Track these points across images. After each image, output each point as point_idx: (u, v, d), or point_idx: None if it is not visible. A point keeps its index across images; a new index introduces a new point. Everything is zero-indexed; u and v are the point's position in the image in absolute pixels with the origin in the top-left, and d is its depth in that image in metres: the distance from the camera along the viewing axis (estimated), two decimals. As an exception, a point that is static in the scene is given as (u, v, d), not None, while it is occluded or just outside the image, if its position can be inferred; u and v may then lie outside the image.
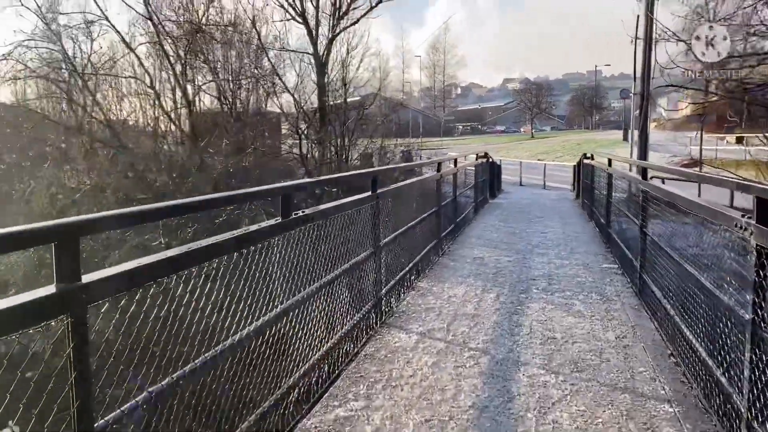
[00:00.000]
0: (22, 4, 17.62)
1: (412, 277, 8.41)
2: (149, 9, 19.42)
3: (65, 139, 18.03)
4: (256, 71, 24.95)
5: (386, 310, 6.97)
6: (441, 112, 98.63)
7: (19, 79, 18.05)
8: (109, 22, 19.06)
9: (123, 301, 2.70)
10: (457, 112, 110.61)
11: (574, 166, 23.22)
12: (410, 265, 8.28)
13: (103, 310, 2.58)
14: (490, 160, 20.25)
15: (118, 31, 19.39)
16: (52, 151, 17.88)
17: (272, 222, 4.26)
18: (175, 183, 16.61)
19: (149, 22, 19.66)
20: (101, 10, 18.74)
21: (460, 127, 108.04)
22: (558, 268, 9.27)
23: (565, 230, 13.15)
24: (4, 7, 17.15)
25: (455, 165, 12.60)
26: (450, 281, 8.46)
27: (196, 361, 3.23)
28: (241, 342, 3.69)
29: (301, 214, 4.61)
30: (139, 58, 19.95)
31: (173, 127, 20.87)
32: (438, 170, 10.53)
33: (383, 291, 6.89)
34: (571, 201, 20.34)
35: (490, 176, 19.57)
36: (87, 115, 19.38)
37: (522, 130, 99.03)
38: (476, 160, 16.67)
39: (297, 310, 4.60)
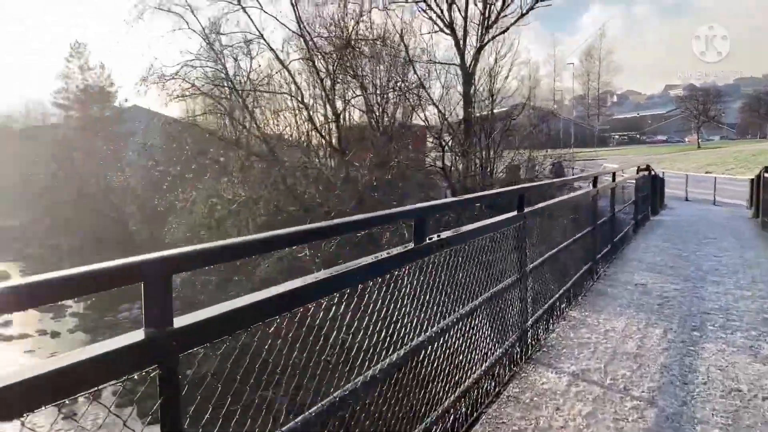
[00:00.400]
0: (189, 27, 19.12)
1: (563, 306, 7.59)
2: (301, 26, 20.23)
3: (224, 153, 19.22)
4: (403, 84, 25.06)
5: (532, 343, 6.28)
6: (595, 120, 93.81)
7: (186, 97, 19.58)
8: (264, 40, 20.15)
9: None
10: (612, 121, 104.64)
11: (752, 179, 20.54)
12: (560, 291, 7.47)
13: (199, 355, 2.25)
14: (653, 173, 18.46)
15: (272, 49, 20.44)
16: (212, 164, 19.10)
17: (403, 248, 3.81)
18: (322, 195, 16.98)
19: (301, 39, 20.50)
20: (258, 29, 19.88)
21: (616, 136, 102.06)
22: (737, 301, 7.95)
23: (744, 254, 11.45)
24: (174, 30, 18.70)
25: (613, 179, 11.46)
26: (607, 311, 7.53)
27: (311, 411, 2.83)
28: (367, 384, 3.27)
29: (436, 238, 4.13)
30: (291, 75, 20.85)
31: (322, 141, 21.49)
32: (594, 185, 9.54)
33: (529, 322, 6.21)
34: (748, 219, 17.98)
35: (651, 190, 17.84)
36: (245, 130, 20.54)
37: (686, 140, 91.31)
38: (637, 173, 15.21)
39: (431, 346, 4.11)
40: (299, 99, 20.75)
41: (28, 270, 40.86)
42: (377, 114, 24.13)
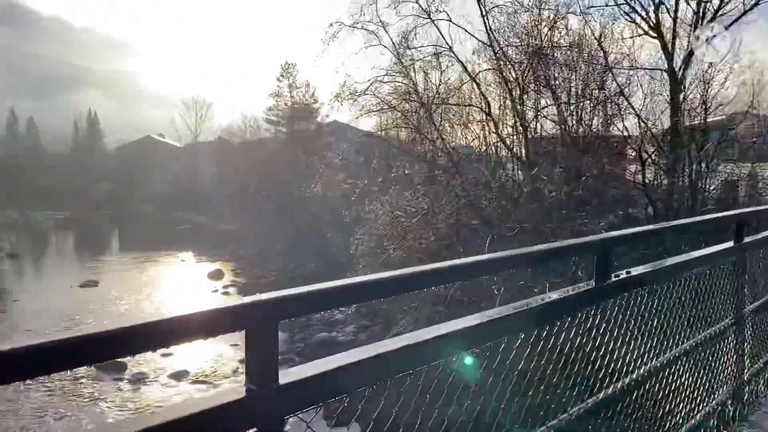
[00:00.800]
0: (380, 43, 19.68)
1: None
2: (491, 36, 19.78)
3: (410, 166, 19.43)
4: (600, 92, 23.35)
5: (750, 401, 5.12)
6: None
7: (375, 112, 20.16)
8: (453, 53, 20.04)
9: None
10: None
11: None
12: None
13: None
14: None
15: (460, 61, 20.25)
16: (398, 177, 19.39)
17: (581, 289, 3.15)
18: (504, 210, 16.32)
19: (490, 49, 20.04)
20: (447, 42, 19.83)
21: None
22: None
23: None
24: (366, 47, 19.39)
25: None
26: None
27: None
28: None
29: (623, 275, 3.38)
30: (479, 86, 20.46)
31: (508, 154, 20.78)
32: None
33: (746, 376, 5.07)
34: None
35: None
36: (430, 143, 20.59)
37: None
38: None
39: (616, 406, 3.39)
40: (486, 111, 20.30)
41: (239, 269, 45.39)
42: (570, 125, 22.73)
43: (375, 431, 2.31)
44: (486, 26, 19.46)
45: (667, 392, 3.98)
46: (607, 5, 22.71)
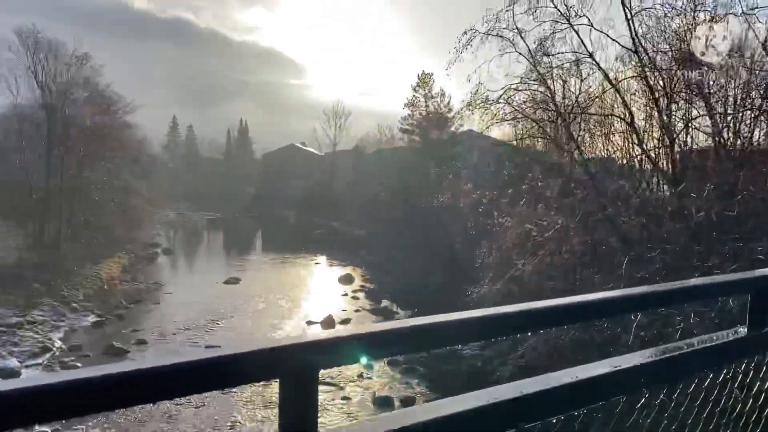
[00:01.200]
0: (516, 50, 19.07)
1: None
2: (636, 42, 18.44)
3: (543, 178, 18.63)
4: (764, 102, 21.00)
5: None
6: None
7: (509, 121, 19.58)
8: (593, 59, 18.95)
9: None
10: None
11: None
12: None
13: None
14: None
15: (601, 68, 19.10)
16: (530, 189, 18.67)
17: (729, 337, 2.64)
18: (646, 229, 15.06)
19: (635, 55, 18.69)
20: (587, 48, 18.78)
21: None
22: None
23: None
24: (501, 54, 18.89)
25: None
26: None
27: None
28: None
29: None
30: (621, 95, 19.19)
31: (652, 167, 19.23)
32: None
33: None
34: None
35: None
36: (567, 155, 19.62)
37: None
38: None
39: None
40: (628, 121, 18.96)
41: (368, 275, 46.36)
42: (726, 137, 20.63)
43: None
44: (631, 31, 18.24)
45: None
46: (774, 3, 20.40)
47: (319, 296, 40.39)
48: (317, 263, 54.89)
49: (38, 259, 37.12)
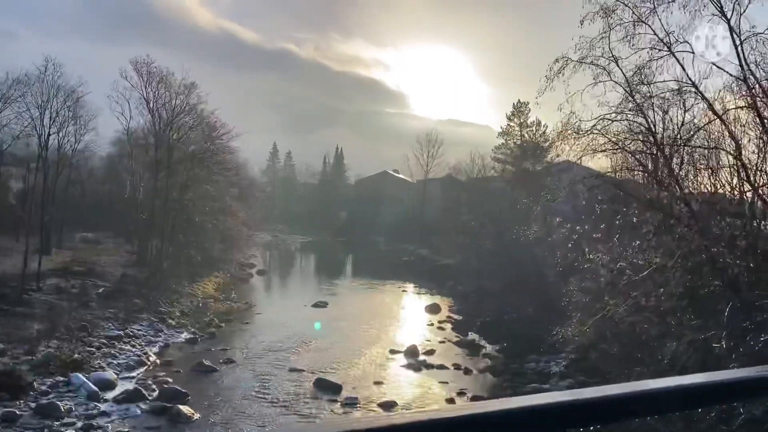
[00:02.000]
0: (611, 78, 18.18)
1: None
2: (744, 69, 17.02)
3: (638, 213, 17.53)
4: None
5: None
6: None
7: (602, 152, 18.64)
8: (696, 88, 17.65)
9: None
10: None
11: None
12: None
13: None
14: None
15: (705, 98, 17.75)
16: (624, 224, 17.61)
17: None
18: (754, 272, 13.69)
19: (743, 83, 17.25)
20: (689, 77, 17.52)
21: None
22: None
23: None
24: (594, 83, 18.04)
25: None
26: None
27: None
28: None
29: None
30: (727, 126, 17.76)
31: (762, 205, 17.56)
32: None
33: None
34: None
35: None
36: (665, 189, 18.37)
37: None
38: None
39: None
40: (735, 155, 17.49)
41: (455, 305, 45.59)
42: None
43: None
44: (740, 58, 16.84)
45: None
46: None
47: (404, 324, 40.11)
48: (404, 291, 54.73)
49: (141, 276, 39.36)
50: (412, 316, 43.35)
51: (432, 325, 39.06)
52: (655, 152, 19.86)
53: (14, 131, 36.65)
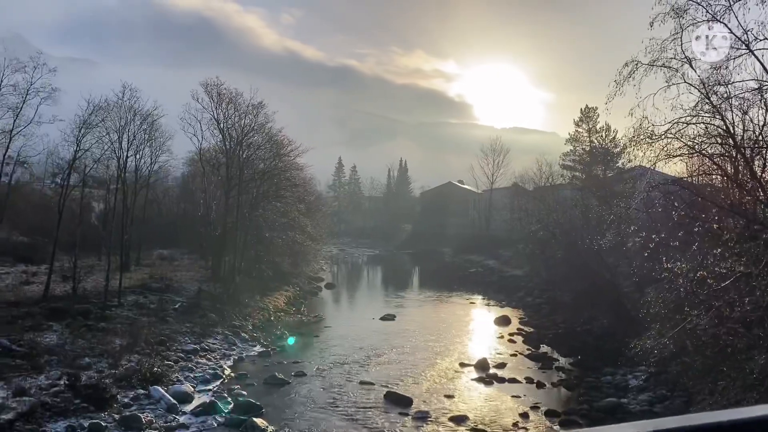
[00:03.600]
0: (684, 80, 17.43)
1: None
2: (835, 65, 15.93)
3: (719, 220, 16.67)
4: None
5: None
6: None
7: (676, 157, 17.89)
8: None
9: None
10: None
11: None
12: None
13: None
14: None
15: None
16: (703, 231, 16.79)
17: None
18: None
19: None
20: (765, 68, 16.51)
21: None
22: None
23: None
24: (667, 86, 17.32)
25: None
26: None
27: None
28: None
29: None
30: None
31: None
32: None
33: None
34: None
35: None
36: (747, 194, 17.39)
37: None
38: None
39: None
40: None
41: (526, 317, 44.69)
42: None
43: None
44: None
45: None
46: None
47: (473, 337, 39.63)
48: (472, 303, 54.11)
49: (215, 291, 40.58)
50: (481, 328, 42.75)
51: (502, 337, 38.36)
52: (734, 155, 18.92)
53: (95, 155, 38.61)
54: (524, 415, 23.65)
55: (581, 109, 64.92)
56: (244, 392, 25.21)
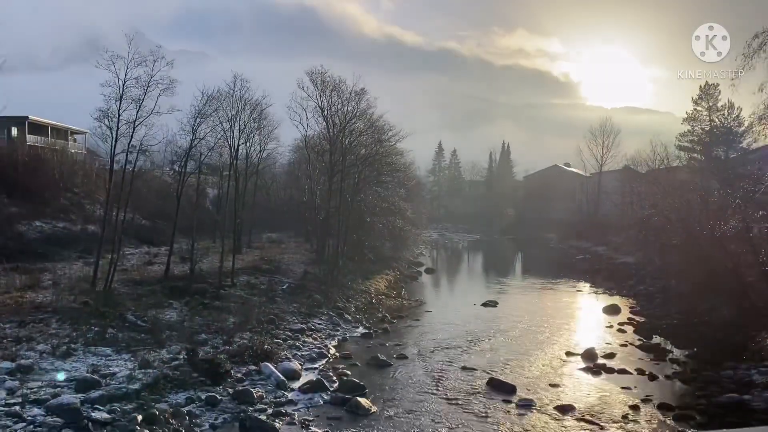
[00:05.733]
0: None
1: None
2: None
3: None
4: None
5: None
6: None
7: None
8: None
9: None
10: None
11: None
12: None
13: None
14: None
15: None
16: None
17: None
18: None
19: None
20: None
21: None
22: None
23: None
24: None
25: None
26: None
27: None
28: None
29: None
30: None
31: None
32: None
33: None
34: None
35: None
36: None
37: None
38: None
39: None
40: None
41: (637, 306, 42.50)
42: None
43: None
44: None
45: None
46: None
47: (580, 326, 38.24)
48: (579, 290, 52.23)
49: (319, 273, 41.77)
50: (589, 317, 41.18)
51: (611, 327, 36.74)
52: None
53: (209, 143, 40.60)
54: (635, 408, 22.54)
55: (700, 87, 60.55)
56: (348, 372, 25.78)
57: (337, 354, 29.07)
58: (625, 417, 21.81)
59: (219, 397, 21.23)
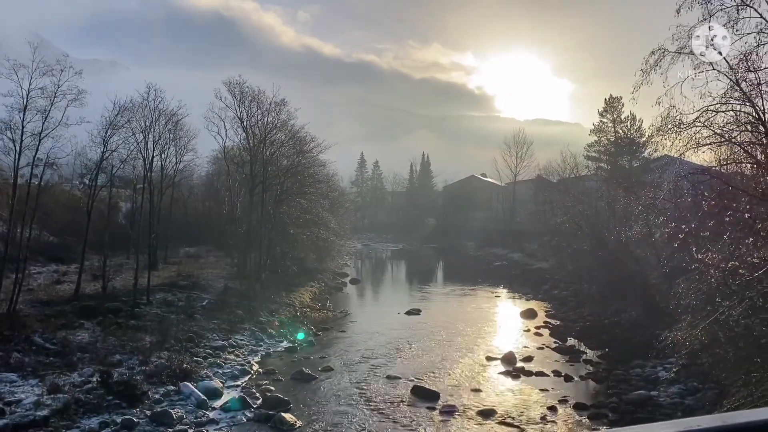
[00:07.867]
0: (713, 68, 17.02)
1: None
2: None
3: (750, 209, 16.32)
4: None
5: None
6: None
7: (707, 145, 17.51)
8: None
9: None
10: None
11: None
12: None
13: None
14: None
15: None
16: (736, 221, 16.45)
17: None
18: None
19: None
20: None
21: None
22: None
23: None
24: (695, 73, 16.90)
25: None
26: None
27: None
28: None
29: None
30: None
31: None
32: None
33: None
34: None
35: None
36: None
37: None
38: None
39: None
40: None
41: (552, 310, 44.35)
42: None
43: None
44: None
45: None
46: None
47: (499, 331, 39.44)
48: (497, 296, 53.84)
49: (241, 288, 40.98)
50: (508, 321, 42.54)
51: (528, 330, 38.14)
52: (765, 142, 18.50)
53: (122, 155, 39.15)
54: (552, 409, 23.50)
55: (605, 99, 64.15)
56: (272, 387, 25.43)
57: (261, 370, 28.60)
58: (543, 418, 22.69)
59: (136, 420, 20.45)
